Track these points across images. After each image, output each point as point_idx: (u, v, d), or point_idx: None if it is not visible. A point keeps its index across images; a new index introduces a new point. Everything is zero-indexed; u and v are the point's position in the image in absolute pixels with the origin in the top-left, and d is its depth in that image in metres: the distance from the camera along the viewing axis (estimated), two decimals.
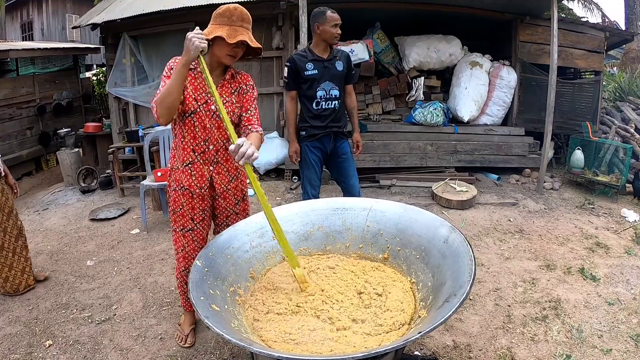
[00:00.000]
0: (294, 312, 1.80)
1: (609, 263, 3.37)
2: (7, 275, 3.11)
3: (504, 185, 5.33)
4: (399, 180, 5.36)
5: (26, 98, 7.21)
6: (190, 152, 2.22)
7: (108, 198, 5.24)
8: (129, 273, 3.47)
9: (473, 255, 1.68)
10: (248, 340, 1.45)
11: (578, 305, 2.87)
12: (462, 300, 1.43)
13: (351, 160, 3.48)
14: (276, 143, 5.61)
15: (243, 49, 2.10)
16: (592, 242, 3.73)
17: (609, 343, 2.50)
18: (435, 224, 2.02)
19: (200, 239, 2.40)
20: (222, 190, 2.33)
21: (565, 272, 3.30)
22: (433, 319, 1.46)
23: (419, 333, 1.36)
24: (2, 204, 3.04)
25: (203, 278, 1.74)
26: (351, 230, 2.22)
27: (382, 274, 2.04)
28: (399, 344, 1.38)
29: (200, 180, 2.26)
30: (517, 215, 4.49)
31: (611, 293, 2.98)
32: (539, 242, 3.85)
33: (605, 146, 5.02)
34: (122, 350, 2.58)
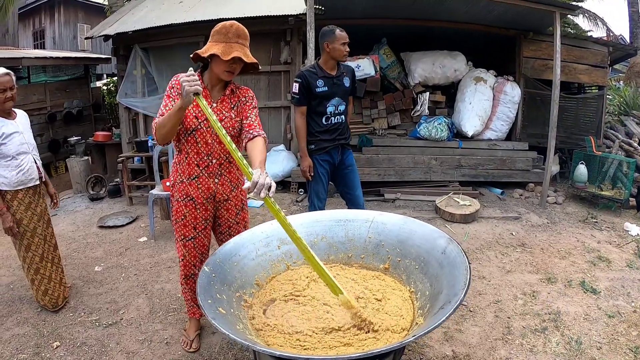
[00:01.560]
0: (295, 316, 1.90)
1: (610, 276, 3.42)
2: (46, 288, 2.99)
3: (508, 200, 5.39)
4: (403, 194, 5.43)
5: (37, 105, 7.33)
6: (195, 166, 2.32)
7: (116, 206, 5.36)
8: (137, 279, 3.57)
9: (469, 265, 1.76)
10: (252, 340, 1.54)
11: (578, 317, 2.91)
12: (456, 306, 1.52)
13: (356, 172, 3.59)
14: (283, 156, 5.71)
15: (241, 64, 2.18)
16: (594, 256, 3.78)
17: (607, 355, 2.53)
18: (434, 236, 2.10)
19: (201, 247, 2.50)
20: (223, 199, 2.43)
21: (566, 285, 3.35)
22: (428, 324, 1.55)
23: (414, 336, 1.44)
24: (42, 211, 2.95)
25: (210, 283, 1.83)
26: (353, 241, 2.31)
27: (382, 283, 2.13)
28: (396, 345, 1.46)
29: (206, 192, 2.37)
30: (519, 229, 4.54)
31: (611, 306, 3.01)
32: (541, 255, 3.90)
33: (609, 160, 5.05)
34: (129, 353, 2.67)
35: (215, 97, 2.29)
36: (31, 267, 2.96)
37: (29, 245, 2.92)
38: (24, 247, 2.92)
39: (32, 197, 2.90)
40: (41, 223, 2.95)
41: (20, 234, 2.88)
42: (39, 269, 2.97)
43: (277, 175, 5.65)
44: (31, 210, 2.89)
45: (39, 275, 2.98)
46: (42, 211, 2.96)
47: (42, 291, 2.99)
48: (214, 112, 2.25)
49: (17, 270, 3.41)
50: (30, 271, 2.97)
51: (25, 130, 2.88)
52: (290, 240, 2.21)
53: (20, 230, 2.87)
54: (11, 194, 2.79)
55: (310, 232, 2.31)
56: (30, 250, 2.93)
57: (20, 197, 2.83)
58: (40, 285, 2.98)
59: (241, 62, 2.16)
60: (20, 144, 2.80)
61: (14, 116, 2.85)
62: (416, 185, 5.62)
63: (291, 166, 5.64)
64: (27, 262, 2.96)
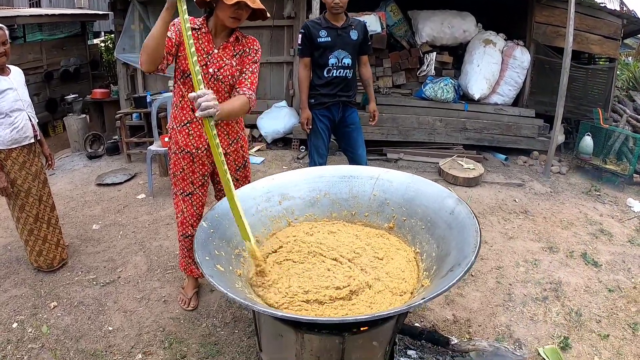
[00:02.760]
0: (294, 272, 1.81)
1: (611, 250, 3.36)
2: (40, 249, 2.91)
3: (511, 166, 5.29)
4: (406, 155, 5.34)
5: (33, 65, 7.12)
6: (190, 111, 2.20)
7: (115, 164, 5.25)
8: (134, 237, 3.49)
9: (479, 227, 1.67)
10: (251, 299, 1.45)
11: (578, 289, 2.88)
12: (467, 269, 1.43)
13: (359, 131, 3.47)
14: (284, 112, 5.57)
15: (247, 11, 2.04)
16: (596, 229, 3.72)
17: (606, 329, 2.51)
18: (442, 195, 2.00)
19: (198, 205, 2.40)
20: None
21: (568, 255, 3.30)
22: (437, 287, 1.46)
23: (423, 299, 1.35)
24: (37, 171, 2.83)
25: (208, 239, 1.74)
26: (357, 198, 2.21)
27: (386, 242, 2.04)
28: (402, 308, 1.37)
29: (198, 140, 2.24)
30: (522, 196, 4.47)
31: (612, 280, 2.98)
32: (543, 224, 3.84)
33: (615, 134, 4.94)
34: (126, 312, 2.62)
35: (218, 43, 2.16)
36: (25, 227, 2.86)
37: (22, 206, 2.81)
38: (18, 207, 2.81)
39: (27, 156, 2.77)
40: (36, 183, 2.84)
41: (14, 194, 2.77)
42: (32, 229, 2.87)
43: (279, 132, 5.56)
44: (25, 170, 2.77)
45: (33, 237, 2.88)
46: (38, 171, 2.85)
47: (36, 252, 2.91)
48: (214, 58, 2.13)
49: (14, 231, 3.32)
50: (24, 232, 2.88)
51: (19, 86, 2.75)
52: (292, 196, 2.12)
53: (14, 191, 2.76)
54: (5, 153, 2.67)
55: (313, 187, 2.20)
56: (25, 210, 2.83)
57: (14, 156, 2.71)
58: (35, 246, 2.89)
59: (247, 9, 2.02)
60: (14, 100, 2.67)
61: (8, 73, 2.72)
62: (419, 146, 5.52)
63: (293, 123, 5.52)
64: (20, 222, 2.86)
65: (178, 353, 2.31)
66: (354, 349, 1.65)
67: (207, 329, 2.48)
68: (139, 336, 2.44)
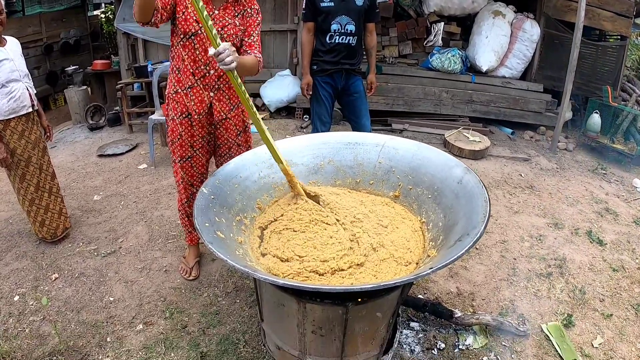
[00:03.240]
0: (297, 239, 1.75)
1: (616, 230, 3.30)
2: (43, 219, 2.85)
3: (518, 141, 5.19)
4: (411, 125, 5.24)
5: (33, 37, 6.94)
6: (190, 75, 2.11)
7: (116, 135, 5.17)
8: (136, 207, 3.44)
9: (488, 197, 1.61)
10: (252, 267, 1.39)
11: (583, 266, 2.83)
12: (476, 239, 1.37)
13: (363, 100, 3.37)
14: (288, 81, 5.46)
15: None
16: (602, 207, 3.65)
17: (610, 308, 2.47)
18: (449, 164, 1.92)
19: (199, 166, 2.33)
20: (221, 119, 2.23)
21: (573, 232, 3.24)
22: (445, 257, 1.39)
23: (431, 269, 1.28)
24: (36, 139, 2.76)
25: (209, 205, 1.67)
26: (362, 166, 2.13)
27: (392, 210, 1.98)
28: (409, 277, 1.31)
29: (199, 105, 2.16)
30: (528, 171, 4.38)
31: (616, 260, 2.92)
32: (549, 200, 3.77)
33: (624, 113, 4.80)
34: (127, 282, 2.59)
35: (218, 4, 2.06)
36: (26, 197, 2.80)
37: (23, 175, 2.75)
38: (19, 177, 2.75)
39: (26, 124, 2.70)
40: (36, 151, 2.76)
41: (15, 164, 2.71)
42: (34, 199, 2.81)
43: (282, 101, 5.46)
44: (25, 139, 2.70)
45: (35, 207, 2.82)
46: (37, 139, 2.77)
47: (39, 222, 2.86)
48: (216, 18, 2.05)
49: (16, 204, 3.29)
50: (26, 202, 2.82)
51: (16, 57, 2.67)
52: (296, 163, 2.04)
53: (14, 160, 2.69)
54: (3, 123, 2.60)
55: (316, 154, 2.12)
56: (25, 180, 2.76)
57: (13, 126, 2.64)
58: (37, 216, 2.84)
59: None
60: (11, 71, 2.59)
61: (4, 43, 2.63)
62: (425, 117, 5.41)
63: (296, 92, 5.41)
64: (21, 193, 2.80)
65: (179, 323, 2.28)
66: (357, 319, 1.61)
67: (209, 299, 2.45)
68: (139, 306, 2.41)
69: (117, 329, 2.26)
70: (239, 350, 2.12)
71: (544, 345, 2.23)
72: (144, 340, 2.19)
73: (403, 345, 2.23)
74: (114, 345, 2.17)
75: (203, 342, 2.18)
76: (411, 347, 2.24)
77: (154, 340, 2.18)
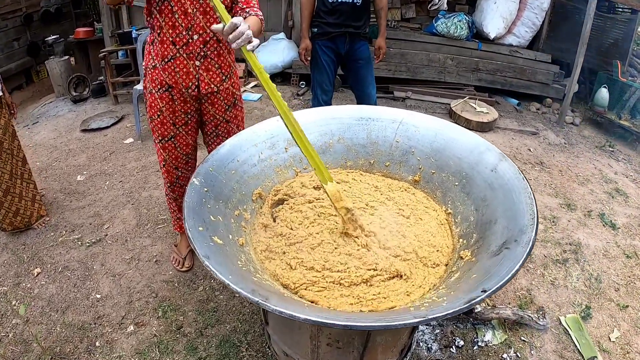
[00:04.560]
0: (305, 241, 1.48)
1: (627, 212, 3.14)
2: (17, 208, 2.59)
3: (524, 112, 4.91)
4: (414, 94, 4.91)
5: (11, 8, 6.43)
6: (170, 45, 1.77)
7: (101, 106, 4.79)
8: (122, 187, 3.13)
9: (532, 193, 1.35)
10: (263, 292, 1.09)
11: (597, 252, 2.70)
12: (529, 249, 1.13)
13: (369, 67, 3.04)
14: (283, 45, 5.04)
15: None
16: (612, 187, 3.48)
17: (624, 298, 2.37)
18: (480, 148, 1.66)
19: (184, 146, 2.02)
20: (209, 92, 1.89)
21: (586, 214, 3.08)
22: (492, 270, 1.12)
23: (484, 291, 1.01)
24: (6, 123, 2.50)
25: (202, 201, 1.38)
26: (377, 145, 1.85)
27: (412, 197, 1.71)
28: (461, 307, 1.00)
29: (186, 78, 1.83)
30: (537, 145, 4.15)
31: (629, 245, 2.79)
32: (560, 178, 3.58)
33: (632, 89, 4.57)
34: (115, 275, 2.33)
35: None
36: (0, 187, 2.52)
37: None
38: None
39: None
40: (7, 136, 2.49)
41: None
42: (9, 188, 2.54)
43: (277, 66, 5.05)
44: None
45: (10, 196, 2.55)
46: (7, 123, 2.49)
47: (12, 212, 2.59)
48: None
49: None
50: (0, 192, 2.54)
51: None
52: None
53: None
54: None
55: (324, 131, 1.83)
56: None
57: None
58: (11, 206, 2.57)
59: None
60: None
61: None
62: (429, 85, 5.07)
63: (292, 56, 5.01)
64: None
65: (173, 323, 2.03)
66: (380, 332, 1.36)
67: (205, 293, 2.19)
68: (129, 304, 2.16)
69: (107, 332, 2.02)
70: (242, 354, 1.89)
71: (563, 339, 2.11)
72: (135, 345, 1.95)
73: (420, 343, 2.01)
74: (103, 350, 1.93)
75: (201, 345, 1.93)
76: (428, 345, 2.02)
77: (147, 344, 1.94)
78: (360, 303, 1.23)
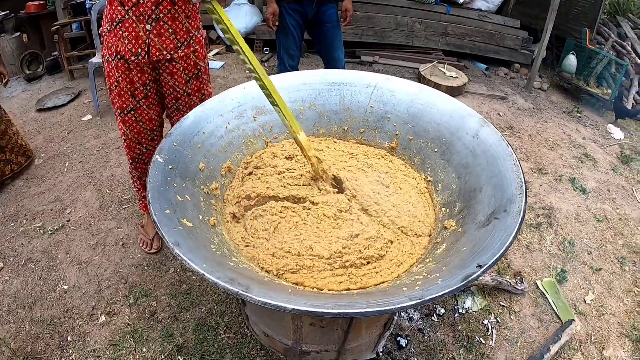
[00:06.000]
0: (282, 217, 1.36)
1: (596, 177, 3.18)
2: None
3: (492, 77, 4.85)
4: (381, 58, 4.76)
5: None
6: (119, 6, 1.58)
7: (56, 84, 4.44)
8: (82, 168, 2.90)
9: (518, 160, 1.27)
10: (243, 280, 0.96)
11: (569, 216, 2.73)
12: (521, 220, 1.06)
13: (337, 30, 2.89)
14: (245, 10, 4.77)
15: None
16: (581, 152, 3.50)
17: (597, 261, 2.41)
18: (460, 113, 1.56)
19: (146, 121, 1.84)
20: (161, 59, 1.70)
21: (557, 179, 3.10)
22: (486, 245, 1.03)
23: (479, 266, 0.92)
24: None
25: (166, 180, 1.23)
26: (351, 111, 1.73)
27: (390, 164, 1.62)
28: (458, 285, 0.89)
29: (135, 43, 1.63)
30: (506, 110, 4.12)
31: (599, 209, 2.83)
32: (530, 142, 3.57)
33: (599, 57, 4.58)
34: (81, 263, 2.17)
35: None
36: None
37: None
38: None
39: None
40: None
41: None
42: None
43: (239, 32, 4.75)
44: None
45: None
46: None
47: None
48: None
49: None
50: None
51: None
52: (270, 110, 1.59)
53: None
54: None
55: (294, 97, 1.69)
56: None
57: None
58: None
59: None
60: None
61: None
62: (397, 49, 4.94)
63: (255, 21, 4.76)
64: None
65: (146, 310, 1.90)
66: None
67: (176, 275, 2.06)
68: (98, 293, 2.01)
69: (77, 325, 1.88)
70: (220, 337, 1.78)
71: (540, 303, 2.12)
72: (109, 336, 1.82)
73: (401, 313, 1.95)
74: (76, 345, 1.80)
75: (177, 330, 1.82)
76: (409, 315, 1.98)
77: (121, 335, 1.82)
78: (349, 280, 1.13)
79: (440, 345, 1.87)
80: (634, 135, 3.99)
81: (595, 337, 1.99)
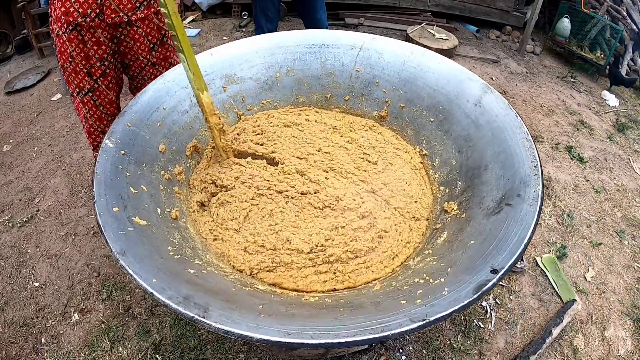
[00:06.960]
0: (254, 204, 1.15)
1: (593, 146, 3.03)
2: None
3: (484, 40, 4.60)
4: (367, 20, 4.50)
5: None
6: None
7: (26, 63, 4.13)
8: (51, 152, 2.67)
9: (529, 133, 1.08)
10: (201, 297, 0.76)
11: (567, 187, 2.60)
12: (539, 208, 0.87)
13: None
14: None
15: None
16: (576, 119, 3.32)
17: (596, 235, 2.29)
18: (459, 77, 1.34)
19: (106, 103, 1.60)
20: (120, 21, 1.45)
21: (553, 147, 2.94)
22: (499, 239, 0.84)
23: (494, 272, 0.72)
24: None
25: (118, 169, 1.02)
26: (334, 76, 1.50)
27: (379, 137, 1.40)
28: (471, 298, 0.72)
29: (84, 2, 1.37)
30: (499, 74, 3.90)
31: (597, 180, 2.70)
32: (524, 108, 3.38)
33: (593, 21, 4.32)
34: (51, 257, 2.00)
35: None
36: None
37: None
38: None
39: None
40: None
41: None
42: None
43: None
44: None
45: None
46: None
47: None
48: None
49: None
50: None
51: None
52: (242, 78, 1.37)
53: None
54: None
55: (270, 62, 1.45)
56: None
57: None
58: None
59: None
60: None
61: None
62: (383, 10, 4.65)
63: None
64: None
65: (120, 305, 1.74)
66: None
67: None
68: (70, 289, 1.84)
69: (51, 325, 1.72)
70: (200, 332, 1.63)
71: (541, 282, 1.99)
72: (83, 335, 1.67)
73: None
74: (50, 347, 1.66)
75: (153, 326, 1.66)
76: None
77: (95, 334, 1.67)
78: (335, 278, 0.94)
79: (436, 331, 1.72)
80: (628, 102, 3.80)
81: (596, 316, 1.87)
